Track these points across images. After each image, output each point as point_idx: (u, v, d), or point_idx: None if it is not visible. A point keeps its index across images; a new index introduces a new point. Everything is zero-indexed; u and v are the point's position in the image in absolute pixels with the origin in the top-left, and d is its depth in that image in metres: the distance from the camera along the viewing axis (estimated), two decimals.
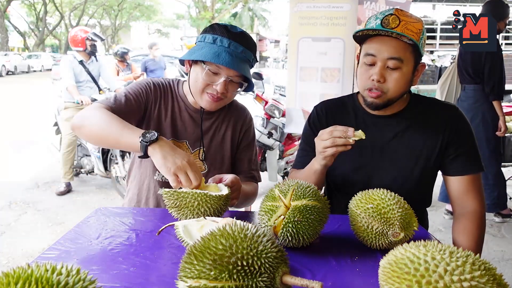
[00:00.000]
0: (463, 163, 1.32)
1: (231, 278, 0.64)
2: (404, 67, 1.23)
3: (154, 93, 1.45)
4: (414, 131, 1.34)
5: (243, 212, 1.54)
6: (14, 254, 2.86)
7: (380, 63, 1.22)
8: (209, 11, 31.01)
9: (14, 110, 10.13)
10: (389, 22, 1.20)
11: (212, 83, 1.34)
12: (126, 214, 1.25)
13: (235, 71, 1.33)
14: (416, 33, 1.20)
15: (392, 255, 0.72)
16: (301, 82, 3.07)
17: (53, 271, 0.59)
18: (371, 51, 1.24)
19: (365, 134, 1.13)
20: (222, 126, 1.52)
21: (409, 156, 1.34)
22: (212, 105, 1.39)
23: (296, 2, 2.97)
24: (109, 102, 1.34)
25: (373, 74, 1.23)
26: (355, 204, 1.03)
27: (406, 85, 1.27)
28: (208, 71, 1.33)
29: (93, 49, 4.30)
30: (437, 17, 9.63)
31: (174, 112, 1.47)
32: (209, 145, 1.50)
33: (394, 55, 1.21)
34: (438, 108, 1.36)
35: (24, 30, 34.05)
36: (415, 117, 1.35)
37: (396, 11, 1.22)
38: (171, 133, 1.45)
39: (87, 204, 3.87)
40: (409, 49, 1.22)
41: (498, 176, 3.38)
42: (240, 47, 1.33)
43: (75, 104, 4.14)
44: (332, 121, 1.39)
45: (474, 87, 3.29)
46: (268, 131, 3.92)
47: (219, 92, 1.34)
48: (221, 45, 1.32)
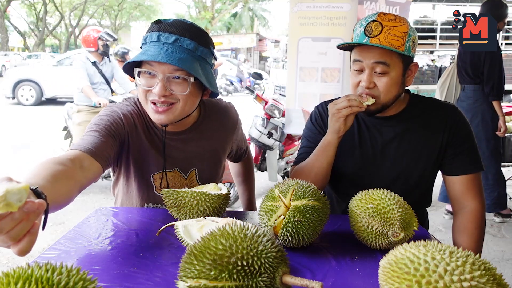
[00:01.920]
0: (463, 163, 1.32)
1: (231, 278, 0.64)
2: (392, 71, 1.22)
3: (126, 124, 1.24)
4: (414, 131, 1.34)
5: (243, 212, 1.54)
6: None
7: (367, 69, 1.23)
8: (209, 11, 31.01)
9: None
10: (372, 29, 1.20)
11: (151, 87, 1.13)
12: (126, 214, 1.25)
13: (171, 65, 1.10)
14: (400, 37, 1.19)
15: (392, 255, 0.72)
16: (301, 82, 3.07)
17: (53, 271, 0.59)
18: (358, 57, 1.25)
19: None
20: (208, 138, 1.36)
21: (410, 156, 1.34)
22: (160, 116, 1.16)
23: (296, 2, 2.97)
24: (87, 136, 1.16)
25: (362, 80, 1.25)
26: (355, 204, 1.03)
27: (397, 89, 1.26)
28: (143, 74, 1.14)
29: (105, 49, 4.11)
30: (437, 17, 9.63)
31: (154, 141, 1.29)
32: (201, 163, 1.36)
33: (380, 60, 1.21)
34: (437, 108, 1.37)
35: (24, 30, 34.02)
36: (414, 118, 1.35)
37: (379, 16, 1.21)
38: (157, 165, 1.29)
39: (87, 204, 3.87)
40: (394, 53, 1.21)
41: (498, 176, 3.38)
42: (172, 36, 1.11)
43: (89, 107, 3.95)
44: None
45: (473, 87, 3.29)
46: (268, 131, 3.92)
47: (158, 95, 1.11)
48: (151, 41, 1.14)
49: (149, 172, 1.32)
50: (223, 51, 23.29)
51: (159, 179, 1.32)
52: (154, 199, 1.35)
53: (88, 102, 3.97)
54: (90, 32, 4.11)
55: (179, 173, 1.34)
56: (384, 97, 1.25)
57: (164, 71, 1.11)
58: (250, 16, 32.24)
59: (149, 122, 1.30)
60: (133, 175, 1.32)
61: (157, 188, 1.33)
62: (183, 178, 1.35)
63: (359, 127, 1.39)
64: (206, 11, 30.82)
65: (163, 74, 1.11)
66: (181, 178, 1.34)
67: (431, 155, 1.33)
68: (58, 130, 4.72)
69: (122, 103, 1.31)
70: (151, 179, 1.33)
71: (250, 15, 32.31)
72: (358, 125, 1.39)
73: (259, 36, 26.80)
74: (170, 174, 1.33)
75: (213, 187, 1.18)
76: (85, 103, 3.98)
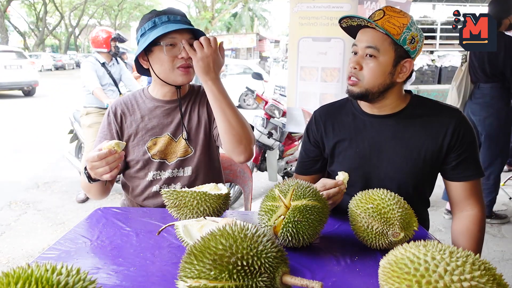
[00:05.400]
0: (465, 170, 1.30)
1: (231, 278, 0.64)
2: (381, 57, 1.25)
3: (115, 120, 1.51)
4: (413, 132, 1.32)
5: (243, 212, 1.54)
6: (14, 254, 2.86)
7: (360, 52, 1.28)
8: (209, 11, 31.00)
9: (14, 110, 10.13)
10: (375, 15, 1.26)
11: (176, 55, 1.38)
12: (126, 214, 1.25)
13: (188, 34, 1.38)
14: (398, 26, 1.22)
15: (392, 255, 0.72)
16: (301, 82, 3.07)
17: (53, 271, 0.59)
18: (355, 42, 1.31)
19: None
20: (194, 107, 1.54)
21: (408, 156, 1.32)
22: (187, 76, 1.42)
23: (296, 2, 2.97)
24: None
25: (352, 61, 1.29)
26: (355, 204, 1.03)
27: (383, 76, 1.26)
28: (167, 47, 1.37)
29: (117, 50, 4.06)
30: (437, 17, 9.62)
31: (145, 116, 1.51)
32: (188, 128, 1.52)
33: (371, 44, 1.25)
34: (441, 111, 1.34)
35: (24, 30, 34.04)
36: (415, 118, 1.33)
37: (385, 7, 1.26)
38: (149, 134, 1.50)
39: (87, 204, 3.87)
40: (387, 40, 1.24)
41: (498, 179, 3.35)
42: (177, 16, 1.40)
43: (98, 109, 3.90)
44: (331, 126, 1.43)
45: (491, 85, 3.21)
46: (268, 131, 3.91)
47: (186, 57, 1.37)
48: (161, 22, 1.38)
49: (143, 143, 1.49)
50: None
51: (153, 145, 1.49)
52: (154, 166, 1.50)
53: (97, 104, 3.91)
54: (99, 32, 4.01)
55: (170, 137, 1.50)
56: (367, 80, 1.26)
57: (185, 38, 1.37)
58: (250, 16, 32.25)
59: (142, 98, 1.53)
60: (130, 151, 1.50)
61: (153, 155, 1.50)
62: (173, 140, 1.51)
63: (356, 126, 1.38)
64: (206, 11, 30.82)
65: (185, 41, 1.36)
66: (171, 141, 1.51)
67: (430, 157, 1.31)
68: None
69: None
70: (146, 149, 1.49)
71: (250, 15, 32.31)
72: (355, 124, 1.38)
73: (259, 36, 26.78)
74: (161, 139, 1.49)
75: (213, 187, 1.19)
76: (94, 105, 3.93)
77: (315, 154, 1.48)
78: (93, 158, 1.15)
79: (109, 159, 1.15)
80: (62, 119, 4.68)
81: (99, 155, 1.14)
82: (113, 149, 1.14)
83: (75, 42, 38.27)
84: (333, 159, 1.43)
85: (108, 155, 1.14)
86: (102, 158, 1.14)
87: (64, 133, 4.79)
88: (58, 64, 28.20)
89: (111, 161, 1.15)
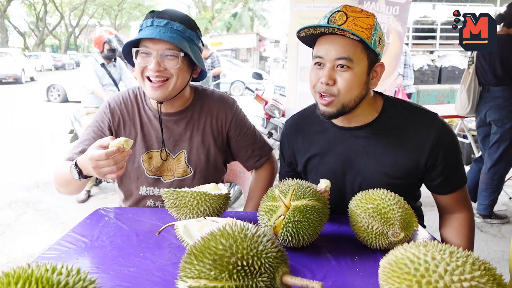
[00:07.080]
0: (451, 183, 1.23)
1: (231, 278, 0.64)
2: (356, 67, 1.11)
3: (112, 118, 1.42)
4: (386, 147, 1.20)
5: (243, 212, 1.54)
6: (14, 254, 2.86)
7: (328, 64, 1.12)
8: (209, 11, 31.03)
9: (14, 109, 10.13)
10: (336, 19, 1.10)
11: (147, 64, 1.27)
12: (126, 214, 1.25)
13: (164, 43, 1.25)
14: (366, 28, 1.09)
15: (392, 255, 0.72)
16: (301, 82, 3.07)
17: (53, 271, 0.59)
18: (319, 53, 1.15)
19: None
20: (199, 123, 1.43)
21: (381, 172, 1.21)
22: (156, 92, 1.29)
23: (296, 2, 2.97)
24: (75, 151, 1.38)
25: (321, 76, 1.13)
26: (355, 204, 1.03)
27: (359, 88, 1.14)
28: (140, 55, 1.28)
29: (109, 53, 3.97)
30: (437, 17, 9.62)
31: (144, 124, 1.42)
32: (190, 146, 1.42)
33: (342, 55, 1.10)
34: (417, 119, 1.21)
35: (24, 30, 34.03)
36: (388, 130, 1.21)
37: (344, 7, 1.12)
38: (145, 147, 1.41)
39: (87, 204, 3.87)
40: (359, 46, 1.11)
41: (501, 180, 3.34)
42: (163, 21, 1.27)
43: (98, 108, 3.91)
44: (301, 142, 1.35)
45: (502, 88, 3.18)
46: (268, 131, 3.92)
47: (153, 69, 1.25)
48: (145, 26, 1.29)
49: (139, 154, 1.42)
50: (223, 51, 23.23)
51: (148, 159, 1.42)
52: (147, 181, 1.44)
53: (97, 104, 3.91)
54: (102, 33, 3.99)
55: (166, 153, 1.42)
56: (344, 95, 1.12)
57: (158, 49, 1.26)
58: (250, 16, 32.23)
59: (143, 103, 1.44)
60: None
61: (148, 170, 1.42)
62: (171, 157, 1.43)
63: (326, 140, 1.29)
64: (206, 11, 30.84)
65: (156, 51, 1.26)
66: (168, 158, 1.43)
67: (406, 174, 1.20)
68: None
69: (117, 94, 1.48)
70: (141, 161, 1.42)
71: (250, 15, 32.29)
72: (325, 138, 1.29)
73: (259, 36, 26.77)
74: (157, 154, 1.42)
75: (213, 187, 1.18)
76: (94, 105, 3.93)
77: (291, 170, 1.46)
78: (99, 156, 1.03)
79: (117, 158, 1.04)
80: (62, 119, 4.69)
81: (108, 153, 1.02)
82: (122, 147, 1.04)
83: (75, 42, 38.27)
84: (306, 175, 1.38)
85: (116, 153, 1.04)
86: (110, 156, 1.03)
87: (64, 133, 4.79)
88: (58, 64, 28.20)
89: (119, 160, 1.05)
